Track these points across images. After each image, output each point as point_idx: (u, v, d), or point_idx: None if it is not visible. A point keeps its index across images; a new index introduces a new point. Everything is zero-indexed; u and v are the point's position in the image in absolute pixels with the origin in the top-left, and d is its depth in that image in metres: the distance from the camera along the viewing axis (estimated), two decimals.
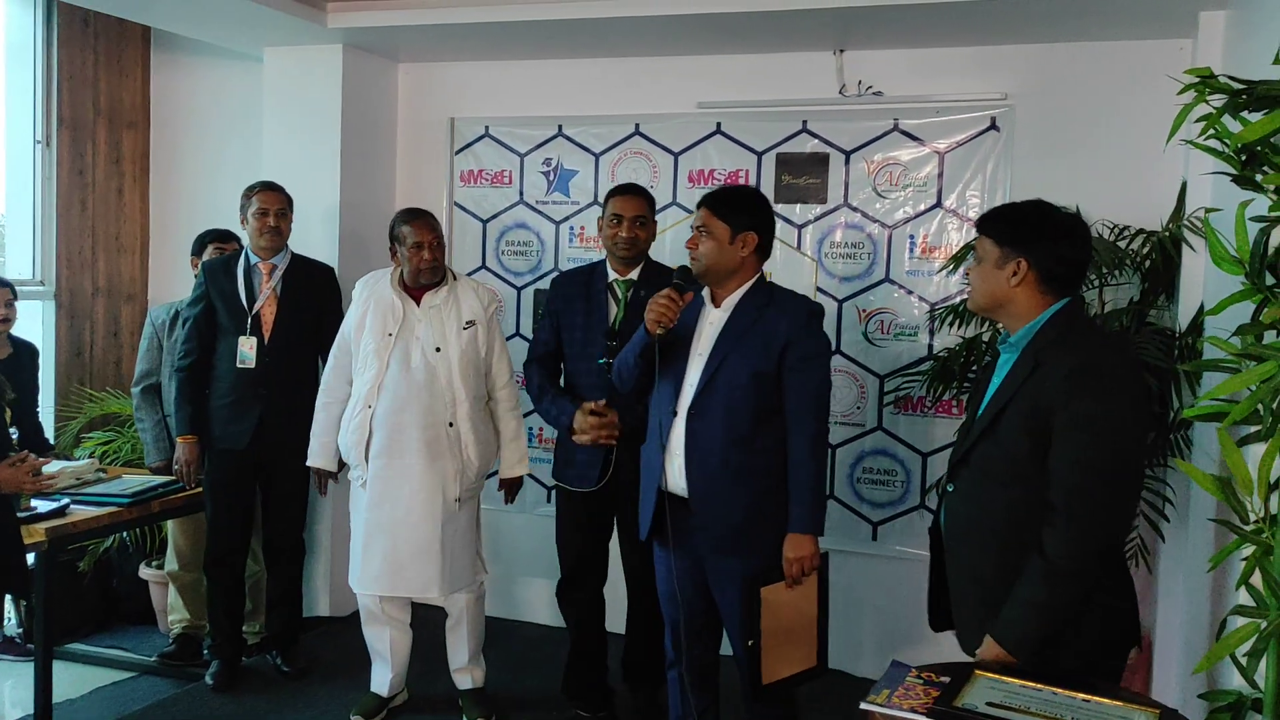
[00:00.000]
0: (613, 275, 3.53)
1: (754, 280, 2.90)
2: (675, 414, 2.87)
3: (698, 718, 3.06)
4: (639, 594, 3.64)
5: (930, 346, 4.10)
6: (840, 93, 4.18)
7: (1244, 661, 2.06)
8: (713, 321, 2.89)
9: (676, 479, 2.87)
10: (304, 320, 3.97)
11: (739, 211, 2.86)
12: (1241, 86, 2.08)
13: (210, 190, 4.99)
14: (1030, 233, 2.26)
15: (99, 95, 4.97)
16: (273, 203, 3.93)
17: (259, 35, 4.48)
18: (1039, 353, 2.21)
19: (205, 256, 4.16)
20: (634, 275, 3.51)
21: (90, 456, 4.40)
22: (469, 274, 4.44)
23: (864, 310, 4.21)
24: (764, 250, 2.90)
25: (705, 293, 2.95)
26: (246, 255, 3.96)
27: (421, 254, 3.48)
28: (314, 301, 4.02)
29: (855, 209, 4.20)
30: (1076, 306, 2.30)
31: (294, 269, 3.99)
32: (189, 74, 5.15)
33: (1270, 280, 2.07)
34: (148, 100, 5.21)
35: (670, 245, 4.35)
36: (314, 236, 4.47)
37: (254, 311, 3.88)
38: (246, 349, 3.87)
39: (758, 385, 2.79)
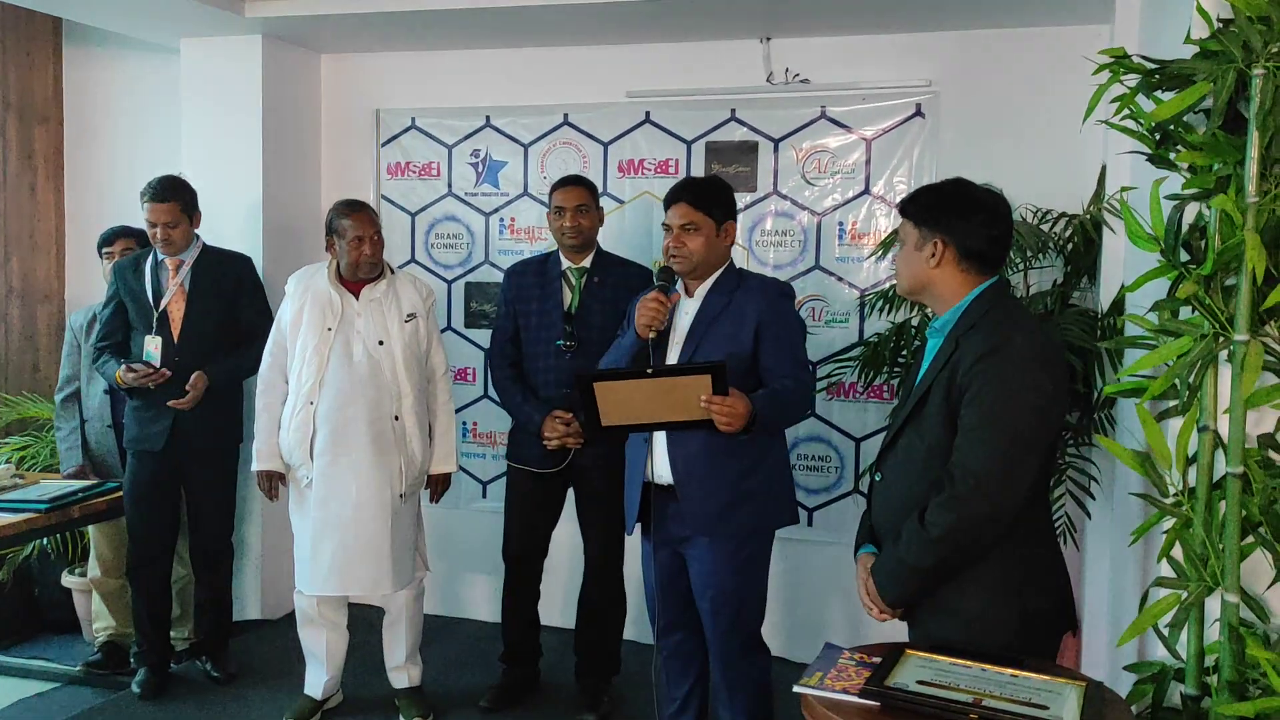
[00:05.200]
0: (566, 264, 3.64)
1: (725, 267, 2.97)
2: None
3: (681, 702, 3.12)
4: (595, 585, 3.72)
5: (861, 332, 4.13)
6: (768, 81, 4.19)
7: (1166, 633, 2.10)
8: (687, 311, 2.95)
9: (661, 468, 2.89)
10: (216, 315, 3.83)
11: (720, 203, 2.92)
12: (1154, 66, 2.11)
13: (128, 186, 4.76)
14: (945, 211, 2.24)
15: (8, 89, 4.81)
16: (159, 216, 3.71)
17: (174, 26, 4.35)
18: (960, 337, 2.18)
19: (119, 254, 4.04)
20: (586, 263, 3.63)
21: (6, 462, 4.26)
22: (399, 267, 4.38)
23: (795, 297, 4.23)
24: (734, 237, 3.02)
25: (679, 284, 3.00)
26: (154, 251, 3.83)
27: (362, 248, 3.42)
28: (227, 293, 3.87)
29: (785, 197, 4.22)
30: (1001, 288, 2.26)
31: (204, 262, 3.85)
32: (103, 66, 4.99)
33: (1185, 256, 2.11)
34: (60, 94, 5.04)
35: (603, 234, 4.31)
36: (237, 232, 4.36)
37: (160, 309, 3.77)
38: (152, 349, 3.74)
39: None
